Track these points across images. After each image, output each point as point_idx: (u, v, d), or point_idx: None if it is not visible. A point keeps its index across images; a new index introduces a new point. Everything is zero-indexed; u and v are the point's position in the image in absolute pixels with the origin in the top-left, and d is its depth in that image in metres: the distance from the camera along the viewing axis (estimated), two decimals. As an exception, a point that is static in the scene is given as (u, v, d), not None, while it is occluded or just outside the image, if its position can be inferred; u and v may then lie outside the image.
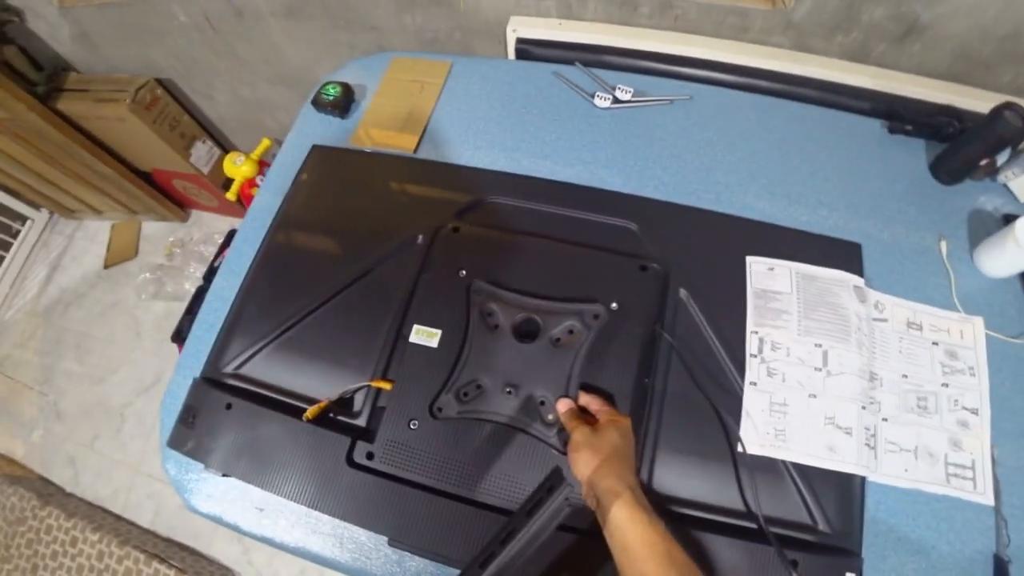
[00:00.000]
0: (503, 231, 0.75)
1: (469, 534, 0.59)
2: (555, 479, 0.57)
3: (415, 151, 0.91)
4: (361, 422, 0.68)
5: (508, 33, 0.97)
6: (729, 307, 0.68)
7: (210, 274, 1.56)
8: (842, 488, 0.61)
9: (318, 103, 0.97)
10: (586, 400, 0.60)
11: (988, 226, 0.79)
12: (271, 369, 0.72)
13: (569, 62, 0.93)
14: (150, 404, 1.70)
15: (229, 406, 0.68)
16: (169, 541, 1.51)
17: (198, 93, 1.56)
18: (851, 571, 0.58)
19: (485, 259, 0.72)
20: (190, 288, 1.76)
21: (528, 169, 0.84)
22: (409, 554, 0.63)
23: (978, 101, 0.86)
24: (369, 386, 0.69)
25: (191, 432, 0.69)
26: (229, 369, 0.73)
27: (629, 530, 0.48)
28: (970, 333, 0.73)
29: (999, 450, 0.68)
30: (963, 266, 0.78)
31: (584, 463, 0.53)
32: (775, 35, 0.89)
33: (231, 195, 1.40)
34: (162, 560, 1.41)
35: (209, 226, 1.98)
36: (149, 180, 1.81)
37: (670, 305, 0.68)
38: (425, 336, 0.68)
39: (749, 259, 0.71)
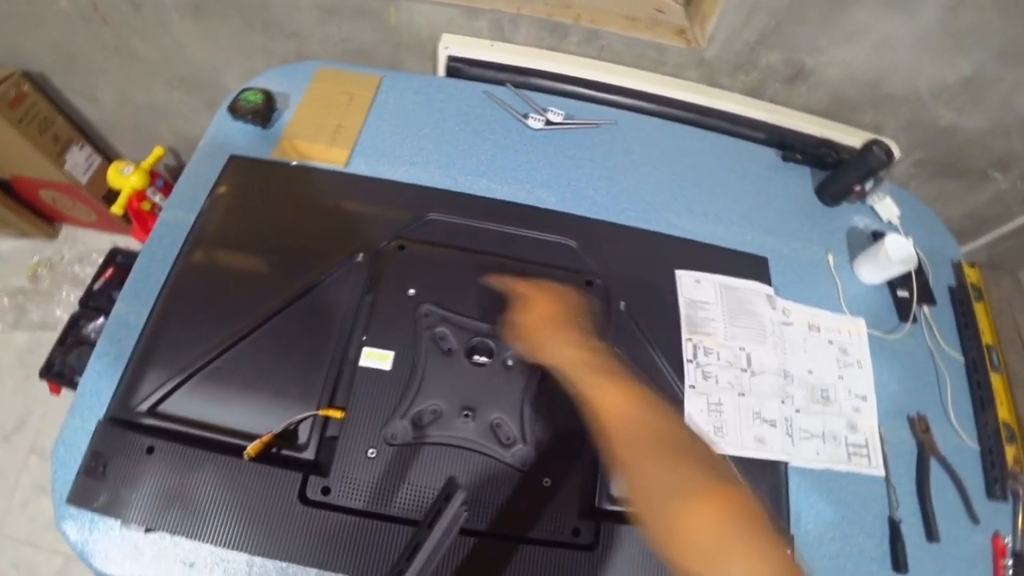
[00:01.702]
0: (449, 248, 0.75)
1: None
2: (451, 487, 0.56)
3: (346, 165, 0.88)
4: (309, 455, 0.62)
5: (440, 50, 0.97)
6: (664, 318, 0.73)
7: (88, 298, 1.37)
8: (770, 475, 0.68)
9: (236, 110, 0.90)
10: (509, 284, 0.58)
11: (862, 241, 0.93)
12: (198, 404, 0.64)
13: (499, 82, 0.95)
14: (13, 454, 1.43)
15: (151, 450, 0.60)
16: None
17: (77, 92, 1.37)
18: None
19: (433, 278, 0.70)
20: (63, 315, 1.52)
21: (465, 187, 0.85)
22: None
23: (849, 136, 1.01)
24: (317, 415, 0.64)
25: (101, 484, 0.59)
26: (144, 407, 0.63)
27: (590, 407, 0.43)
28: (856, 332, 0.85)
29: (884, 428, 0.79)
30: (846, 275, 0.91)
31: (522, 346, 0.51)
32: (688, 70, 0.98)
33: (118, 209, 1.24)
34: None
35: (85, 243, 1.73)
36: (6, 189, 1.55)
37: (612, 318, 0.71)
38: (377, 359, 0.65)
39: (678, 272, 0.77)
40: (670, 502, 0.36)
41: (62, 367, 1.29)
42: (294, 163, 0.87)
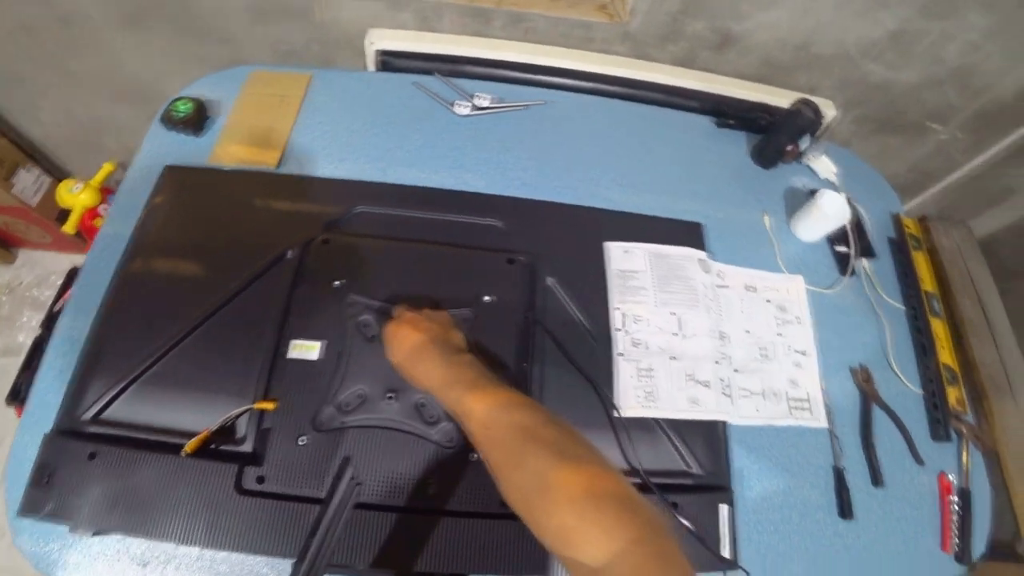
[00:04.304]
0: (374, 239, 0.75)
1: (370, 538, 0.58)
2: (343, 464, 0.57)
3: (277, 166, 0.88)
4: (247, 447, 0.64)
5: (366, 45, 0.97)
6: (593, 289, 0.74)
7: (50, 321, 1.36)
8: (708, 434, 0.69)
9: (168, 121, 0.90)
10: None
11: (800, 200, 0.94)
12: (141, 409, 0.66)
13: (430, 72, 0.96)
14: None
15: (93, 455, 0.61)
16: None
17: (20, 113, 1.36)
18: (723, 503, 0.65)
19: (358, 268, 0.72)
20: (25, 340, 1.52)
21: (395, 178, 0.85)
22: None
23: (783, 99, 1.01)
24: (252, 409, 0.65)
25: (48, 493, 0.60)
26: (88, 416, 0.65)
27: (459, 420, 0.45)
28: (794, 289, 0.86)
29: (827, 381, 0.80)
30: (784, 235, 0.92)
31: (392, 355, 0.55)
32: (616, 44, 0.98)
33: (69, 228, 1.24)
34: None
35: (43, 266, 1.72)
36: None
37: (539, 294, 0.72)
38: (304, 350, 0.67)
39: (607, 244, 0.78)
40: (532, 498, 0.38)
41: (28, 392, 1.29)
42: (228, 168, 0.87)
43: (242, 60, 1.13)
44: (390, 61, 0.98)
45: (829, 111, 1.05)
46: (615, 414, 0.67)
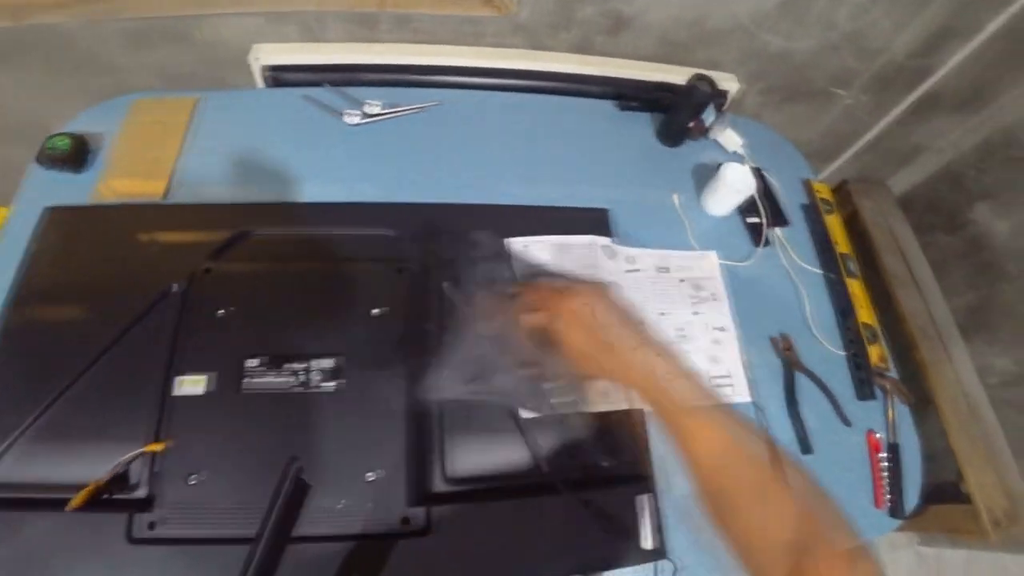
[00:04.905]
0: (259, 263, 0.72)
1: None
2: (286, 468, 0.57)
3: (164, 196, 0.83)
4: (142, 493, 0.60)
5: (252, 62, 0.93)
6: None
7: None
8: (623, 425, 0.67)
9: (45, 160, 0.85)
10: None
11: (709, 175, 0.93)
12: (28, 467, 0.61)
13: (320, 84, 0.92)
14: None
15: None
16: None
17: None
18: (641, 493, 0.63)
19: (243, 295, 0.69)
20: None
21: (287, 196, 0.82)
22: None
23: (683, 77, 1.00)
24: (144, 452, 0.62)
25: None
26: (-31, 481, 0.60)
27: (677, 441, 0.39)
28: (708, 265, 0.85)
29: (749, 355, 0.79)
30: (695, 212, 0.91)
31: (582, 372, 0.43)
32: (508, 37, 0.97)
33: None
34: None
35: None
36: None
37: (435, 300, 0.69)
38: (191, 385, 0.64)
39: (506, 241, 0.75)
40: (768, 550, 0.34)
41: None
42: (112, 204, 0.82)
43: (130, 88, 1.07)
44: (278, 76, 0.94)
45: (732, 84, 1.06)
46: (521, 415, 0.64)
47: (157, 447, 0.61)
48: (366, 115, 0.87)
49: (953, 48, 1.08)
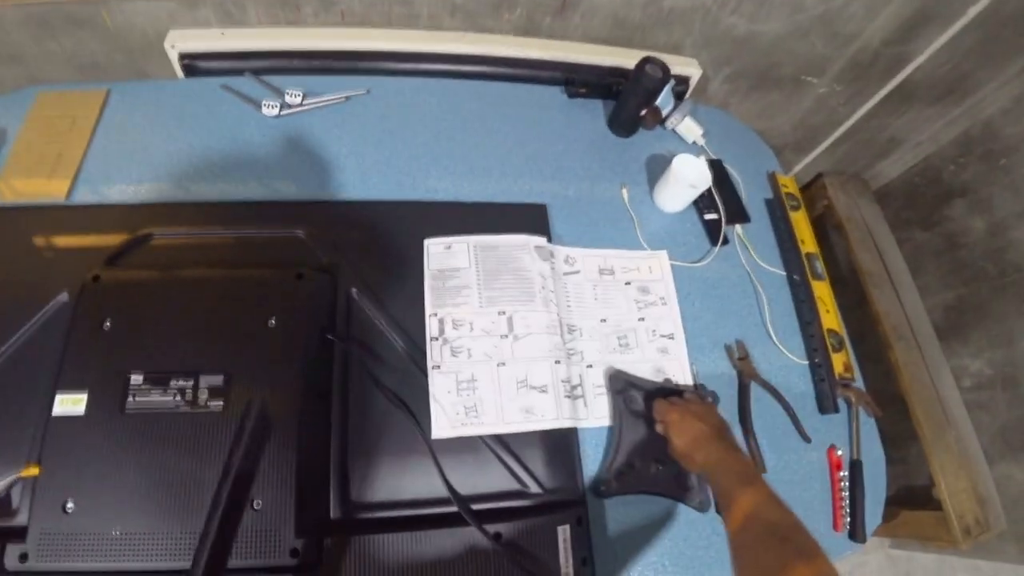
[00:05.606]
0: (153, 270, 0.65)
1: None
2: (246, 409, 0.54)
3: (68, 197, 0.76)
4: (22, 521, 0.55)
5: (168, 49, 0.86)
6: (406, 296, 0.64)
7: None
8: (550, 446, 0.60)
9: (-64, 160, 0.78)
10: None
11: (663, 168, 0.86)
12: None
13: (241, 72, 0.85)
14: None
15: None
16: None
17: None
18: (567, 522, 0.56)
19: (132, 305, 0.62)
20: None
21: (198, 195, 0.74)
22: None
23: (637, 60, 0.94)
24: (20, 477, 0.56)
25: None
26: None
27: (726, 502, 0.51)
28: (658, 267, 0.78)
29: (699, 364, 0.73)
30: (645, 208, 0.84)
31: (676, 437, 0.59)
32: (445, 19, 0.89)
33: None
34: None
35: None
36: None
37: (341, 307, 0.62)
38: (71, 404, 0.57)
39: (427, 241, 0.68)
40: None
41: None
42: (10, 205, 0.75)
43: (39, 79, 1.00)
44: (195, 64, 0.86)
45: (693, 70, 0.98)
46: (431, 437, 0.57)
47: (33, 471, 0.55)
48: (287, 105, 0.79)
49: (930, 35, 1.01)
